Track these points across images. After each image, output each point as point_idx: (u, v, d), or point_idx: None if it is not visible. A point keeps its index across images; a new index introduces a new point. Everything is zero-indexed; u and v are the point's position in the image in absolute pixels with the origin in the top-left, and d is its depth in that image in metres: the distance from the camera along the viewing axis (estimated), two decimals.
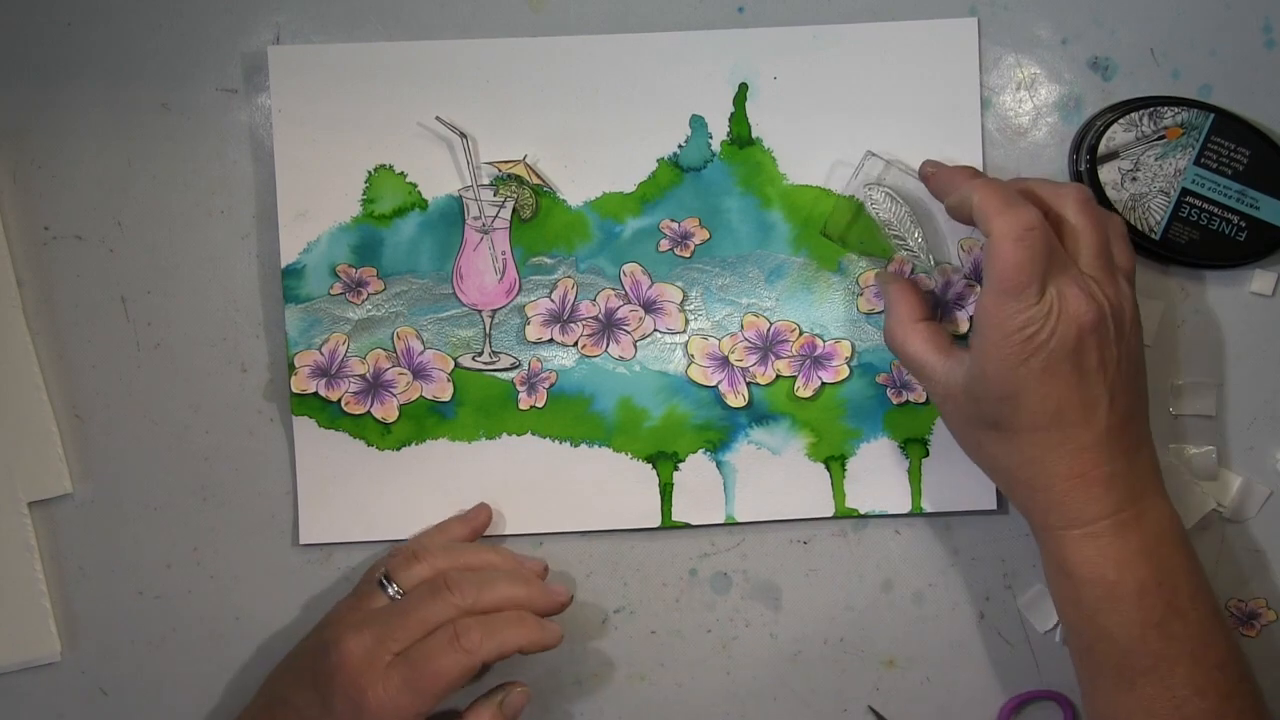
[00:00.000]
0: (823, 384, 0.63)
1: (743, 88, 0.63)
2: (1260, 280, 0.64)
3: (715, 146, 0.63)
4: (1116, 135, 0.62)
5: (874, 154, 0.61)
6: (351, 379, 0.62)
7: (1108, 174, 0.62)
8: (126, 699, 0.63)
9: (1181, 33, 0.63)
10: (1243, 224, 0.62)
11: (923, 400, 0.63)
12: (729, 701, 0.64)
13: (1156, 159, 0.62)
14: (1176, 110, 0.62)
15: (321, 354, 0.62)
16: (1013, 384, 0.54)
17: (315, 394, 0.62)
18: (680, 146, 0.63)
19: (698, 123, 0.63)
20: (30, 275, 0.62)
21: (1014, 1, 0.63)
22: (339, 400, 0.62)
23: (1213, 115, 0.62)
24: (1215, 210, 0.62)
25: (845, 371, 0.63)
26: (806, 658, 0.64)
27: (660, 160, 0.63)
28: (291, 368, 0.62)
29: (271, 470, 0.63)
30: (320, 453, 0.62)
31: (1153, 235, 0.62)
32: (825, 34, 0.63)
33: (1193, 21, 0.63)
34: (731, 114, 0.63)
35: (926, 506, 0.64)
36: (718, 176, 0.63)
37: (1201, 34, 0.63)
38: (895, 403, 0.63)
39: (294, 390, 0.62)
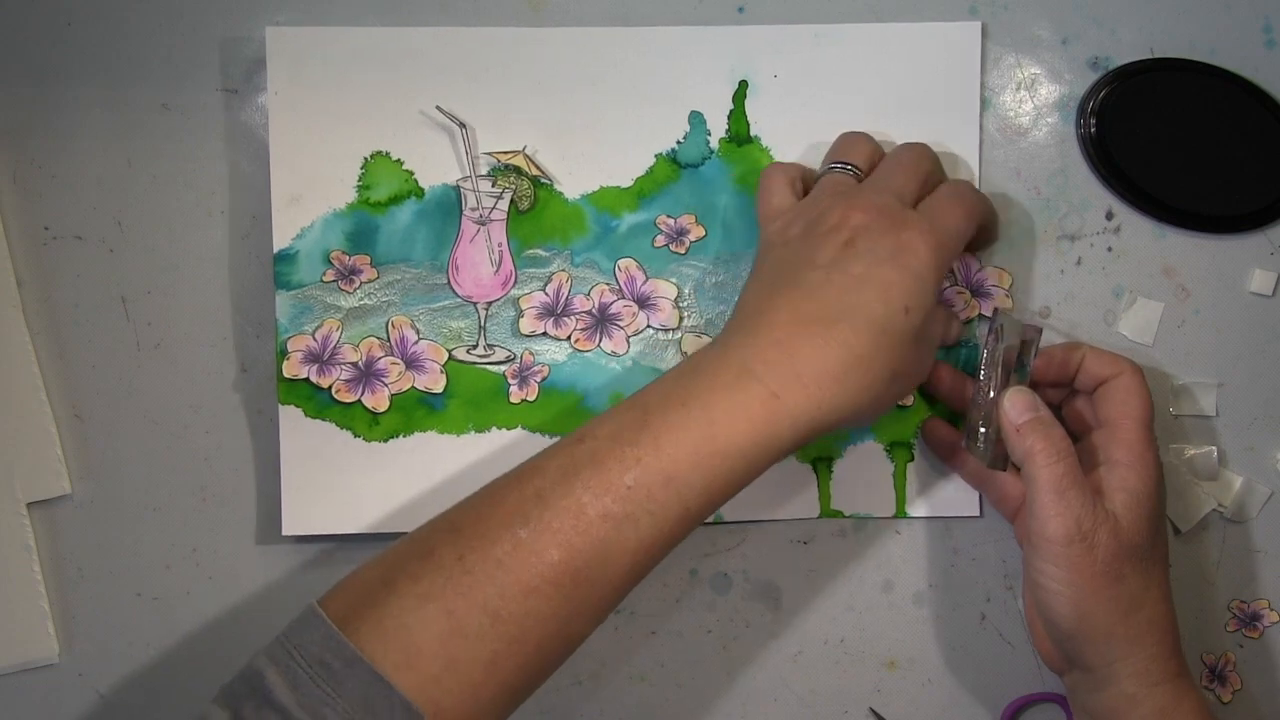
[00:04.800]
0: None
1: (743, 85, 0.63)
2: (1260, 280, 0.63)
3: (713, 143, 0.63)
4: None
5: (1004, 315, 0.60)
6: (343, 366, 0.62)
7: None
8: (124, 701, 0.63)
9: (1181, 33, 0.63)
10: None
11: (910, 404, 0.63)
12: (729, 702, 0.64)
13: None
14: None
15: (314, 339, 0.62)
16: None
17: (306, 379, 0.61)
18: (679, 142, 0.63)
19: (696, 119, 0.63)
20: (30, 275, 0.62)
21: (1014, 1, 0.64)
22: (330, 387, 0.62)
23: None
24: None
25: None
26: (807, 658, 0.64)
27: (658, 155, 0.63)
28: (284, 353, 0.61)
29: (271, 471, 0.63)
30: (305, 443, 0.62)
31: None
32: (827, 34, 0.63)
33: (1193, 21, 0.63)
34: (730, 111, 0.63)
35: (911, 511, 0.63)
36: (715, 173, 0.63)
37: (1201, 34, 0.63)
38: None
39: (285, 375, 0.61)
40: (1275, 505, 0.64)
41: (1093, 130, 0.62)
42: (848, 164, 0.58)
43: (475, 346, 0.62)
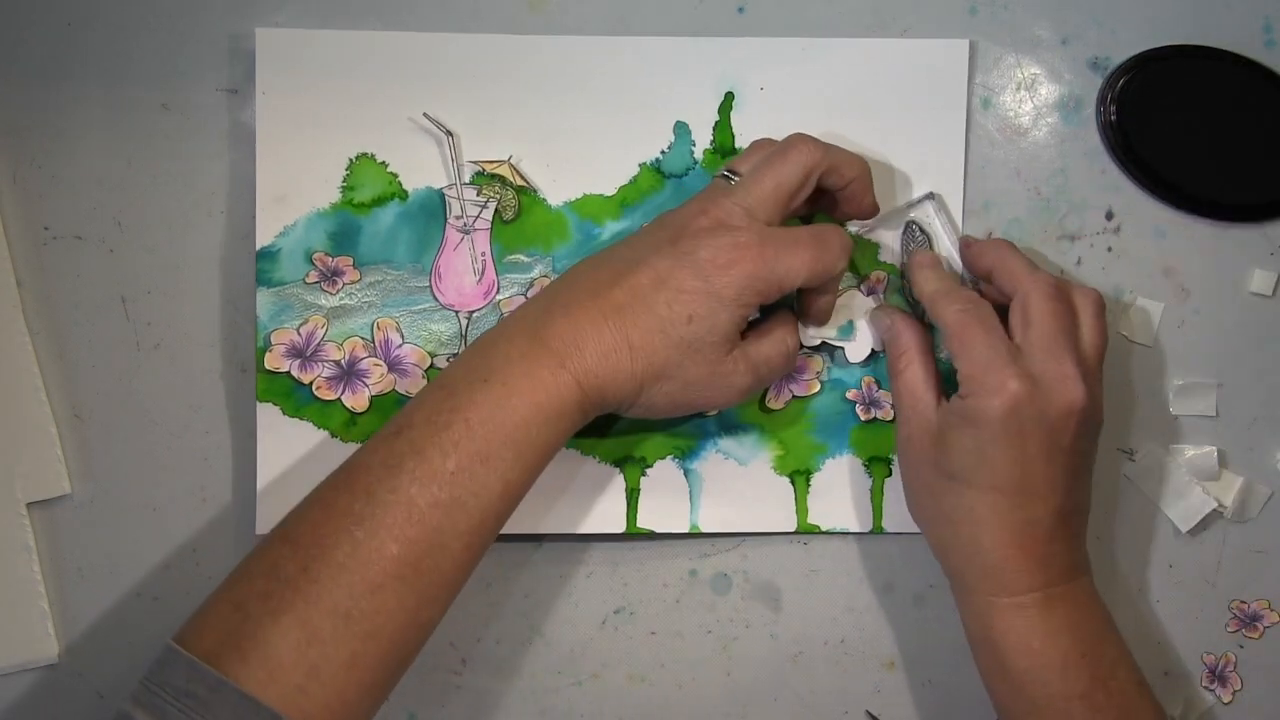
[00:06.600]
0: (793, 396, 0.63)
1: (728, 96, 0.63)
2: (1260, 280, 0.63)
3: (698, 154, 0.63)
4: None
5: (935, 196, 0.62)
6: (326, 363, 0.62)
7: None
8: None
9: (1182, 33, 0.63)
10: None
11: (889, 418, 0.63)
12: (729, 702, 0.64)
13: None
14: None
15: (299, 334, 0.61)
16: (989, 440, 0.54)
17: (287, 374, 0.61)
18: (663, 152, 0.63)
19: (682, 129, 0.63)
20: (30, 275, 0.62)
21: (1014, 1, 0.64)
22: (311, 383, 0.62)
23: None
24: None
25: (816, 386, 0.63)
26: (807, 659, 0.64)
27: (642, 165, 0.63)
28: (266, 346, 0.61)
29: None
30: (282, 441, 0.61)
31: None
32: (814, 47, 0.62)
33: (1193, 21, 0.63)
34: (716, 122, 0.63)
35: (888, 526, 0.63)
36: (698, 184, 0.62)
37: (1202, 34, 0.63)
38: (863, 419, 0.63)
39: (267, 367, 0.61)
40: (1275, 505, 0.64)
41: (1113, 117, 0.62)
42: (732, 173, 0.58)
43: (456, 355, 0.62)
